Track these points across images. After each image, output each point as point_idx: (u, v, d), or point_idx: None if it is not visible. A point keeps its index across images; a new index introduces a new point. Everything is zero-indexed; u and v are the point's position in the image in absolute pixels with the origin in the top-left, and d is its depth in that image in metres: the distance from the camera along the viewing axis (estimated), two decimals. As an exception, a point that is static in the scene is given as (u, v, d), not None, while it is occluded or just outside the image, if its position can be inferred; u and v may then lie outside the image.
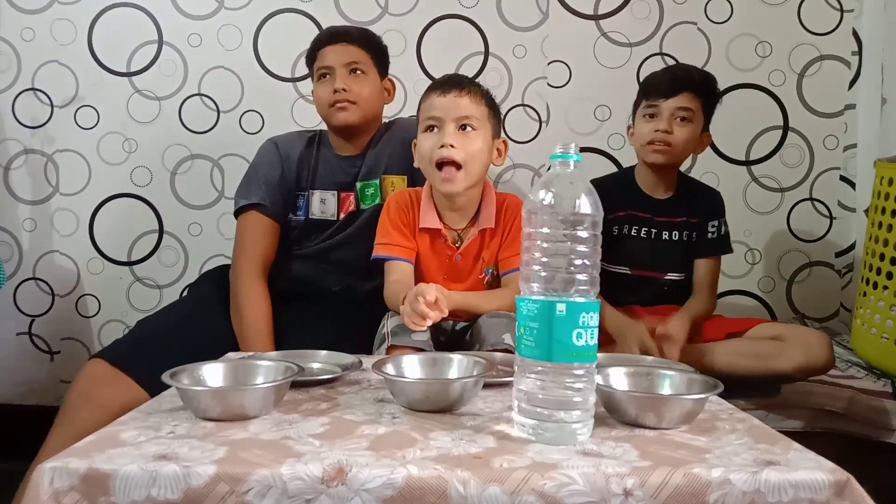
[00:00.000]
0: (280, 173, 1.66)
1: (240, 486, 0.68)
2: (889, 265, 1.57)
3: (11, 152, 2.16)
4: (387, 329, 1.30)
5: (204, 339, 1.46)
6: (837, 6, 2.12)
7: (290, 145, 1.70)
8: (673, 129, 1.60)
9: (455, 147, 1.34)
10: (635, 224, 1.68)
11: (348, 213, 1.68)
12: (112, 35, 2.14)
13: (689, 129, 1.61)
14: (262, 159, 1.70)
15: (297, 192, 1.69)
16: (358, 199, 1.68)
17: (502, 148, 1.44)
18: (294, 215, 1.69)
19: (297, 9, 2.12)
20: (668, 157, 1.62)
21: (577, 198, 0.80)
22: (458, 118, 1.35)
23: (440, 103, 1.36)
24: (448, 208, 1.43)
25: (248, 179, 1.70)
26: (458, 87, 1.37)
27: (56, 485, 0.69)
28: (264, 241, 1.66)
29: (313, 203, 1.69)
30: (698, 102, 1.61)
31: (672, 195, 1.69)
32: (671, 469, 0.70)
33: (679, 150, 1.62)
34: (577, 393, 0.78)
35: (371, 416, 0.87)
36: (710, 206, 1.71)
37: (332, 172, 1.69)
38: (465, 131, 1.36)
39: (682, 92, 1.60)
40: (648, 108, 1.63)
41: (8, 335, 2.17)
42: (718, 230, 1.70)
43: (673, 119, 1.60)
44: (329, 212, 1.69)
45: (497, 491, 0.68)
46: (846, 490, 0.69)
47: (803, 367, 1.46)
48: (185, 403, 0.87)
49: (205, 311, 1.63)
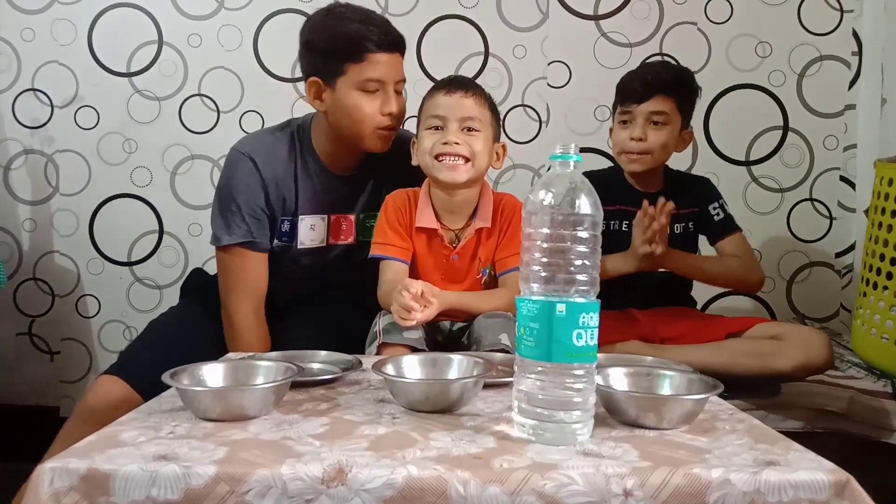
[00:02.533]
0: (263, 198, 1.47)
1: (240, 486, 0.68)
2: (889, 265, 1.57)
3: (11, 152, 2.16)
4: (378, 327, 1.31)
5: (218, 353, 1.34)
6: (837, 6, 2.12)
7: (269, 160, 1.48)
8: (647, 136, 1.59)
9: (460, 144, 1.35)
10: (626, 219, 1.66)
11: (347, 243, 1.57)
12: (112, 35, 2.14)
13: (665, 133, 1.60)
14: (238, 182, 1.47)
15: (283, 216, 1.51)
16: (357, 230, 1.58)
17: (501, 152, 1.45)
18: (279, 241, 1.53)
19: (297, 9, 2.11)
20: (646, 164, 1.62)
21: (577, 198, 0.80)
22: (462, 118, 1.36)
23: (445, 102, 1.37)
24: (446, 208, 1.43)
25: (226, 206, 1.48)
26: (464, 88, 1.38)
27: (56, 485, 0.69)
28: (257, 278, 1.51)
29: (301, 231, 1.53)
30: (672, 103, 1.60)
31: (661, 188, 1.69)
32: (671, 469, 0.70)
33: (657, 154, 1.61)
34: (576, 393, 0.78)
35: (371, 416, 0.87)
36: (703, 193, 1.72)
37: (323, 192, 1.52)
38: (468, 132, 1.36)
39: (655, 95, 1.58)
40: (623, 115, 1.62)
41: (8, 335, 2.18)
42: (723, 209, 1.69)
43: (647, 124, 1.59)
44: (318, 238, 1.55)
45: (497, 491, 0.68)
46: (846, 490, 0.69)
47: (803, 365, 1.46)
48: (185, 404, 0.87)
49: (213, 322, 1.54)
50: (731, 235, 1.69)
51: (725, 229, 1.69)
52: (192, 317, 1.59)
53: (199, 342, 1.48)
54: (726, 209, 1.71)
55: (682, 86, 1.63)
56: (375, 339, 1.29)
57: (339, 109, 1.44)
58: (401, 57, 1.47)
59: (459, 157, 1.35)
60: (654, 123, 1.59)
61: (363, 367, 1.09)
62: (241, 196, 1.47)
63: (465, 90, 1.38)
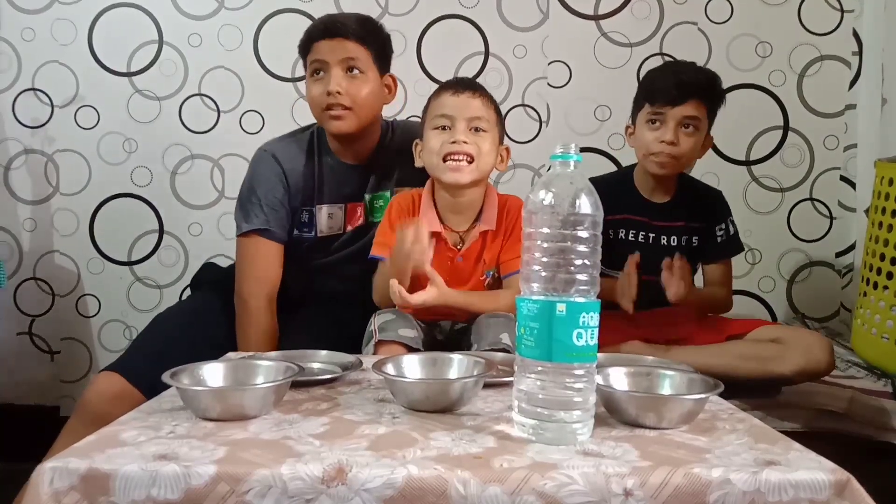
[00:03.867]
0: (283, 191, 1.56)
1: (240, 486, 0.68)
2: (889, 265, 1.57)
3: (12, 152, 2.16)
4: (374, 326, 1.31)
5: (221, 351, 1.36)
6: (838, 6, 2.12)
7: (290, 156, 1.58)
8: (679, 140, 1.54)
9: (468, 143, 1.35)
10: (632, 228, 1.65)
11: (356, 226, 1.63)
12: (112, 35, 2.14)
13: (695, 139, 1.56)
14: (261, 176, 1.57)
15: (303, 207, 1.59)
16: (367, 212, 1.63)
17: (505, 154, 1.45)
18: (300, 232, 1.61)
19: (297, 9, 2.12)
20: (673, 169, 1.59)
21: (577, 198, 0.80)
22: (469, 118, 1.36)
23: (453, 102, 1.37)
24: (450, 209, 1.43)
25: (247, 198, 1.57)
26: (472, 89, 1.39)
27: (56, 485, 0.69)
28: (270, 267, 1.57)
29: (320, 219, 1.60)
30: (704, 109, 1.55)
31: (671, 199, 1.67)
32: (671, 469, 0.70)
33: (685, 160, 1.59)
34: (577, 393, 0.78)
35: (371, 416, 0.87)
36: (713, 210, 1.69)
37: (339, 184, 1.60)
38: (475, 132, 1.37)
39: (690, 99, 1.53)
40: (653, 115, 1.56)
41: (8, 335, 2.17)
42: (727, 232, 1.68)
43: (679, 128, 1.54)
44: (336, 226, 1.62)
45: (497, 491, 0.68)
46: (846, 490, 0.69)
47: (804, 370, 1.45)
48: (186, 403, 0.87)
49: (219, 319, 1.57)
50: (724, 262, 1.70)
51: (721, 253, 1.69)
52: (197, 313, 1.61)
53: (202, 340, 1.49)
54: (731, 231, 1.69)
55: (714, 91, 1.59)
56: (371, 338, 1.30)
57: (308, 101, 1.56)
58: (347, 40, 1.49)
59: (465, 158, 1.35)
60: (685, 127, 1.54)
61: (363, 367, 1.09)
62: (260, 188, 1.56)
63: (473, 91, 1.39)
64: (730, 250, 1.70)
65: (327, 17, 1.57)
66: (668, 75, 1.60)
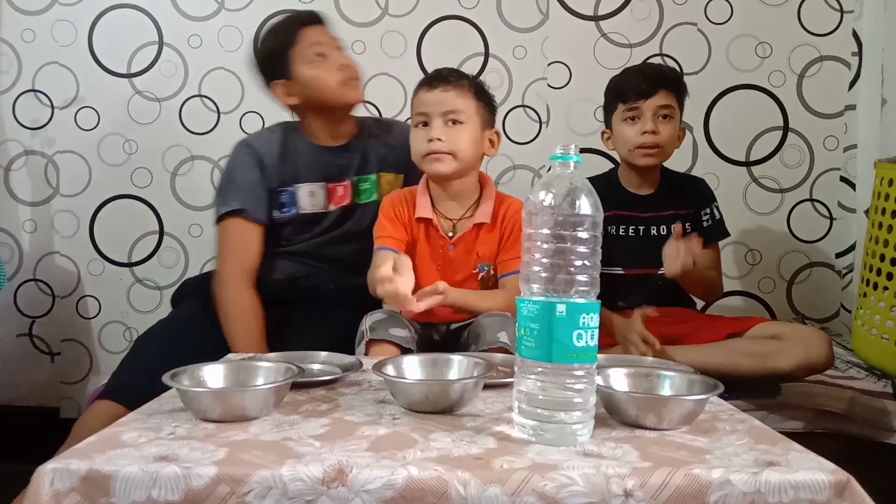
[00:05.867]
0: (259, 173, 1.60)
1: (240, 487, 0.68)
2: (889, 266, 1.57)
3: (12, 153, 2.16)
4: (365, 326, 1.32)
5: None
6: (837, 7, 2.12)
7: (264, 142, 1.65)
8: (658, 129, 1.61)
9: (443, 140, 1.37)
10: (622, 223, 1.69)
11: (342, 206, 1.66)
12: (112, 36, 2.14)
13: (672, 126, 1.64)
14: (236, 162, 1.63)
15: (281, 188, 1.63)
16: (353, 193, 1.67)
17: (495, 139, 1.46)
18: (280, 212, 1.63)
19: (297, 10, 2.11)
20: (660, 158, 1.65)
21: (577, 199, 0.80)
22: (444, 112, 1.38)
23: (427, 98, 1.39)
24: (443, 196, 1.44)
25: (225, 185, 1.64)
26: (445, 82, 1.40)
27: (57, 486, 0.69)
28: (249, 247, 1.60)
29: (301, 197, 1.63)
30: (674, 98, 1.64)
31: (655, 190, 1.71)
32: (672, 470, 0.70)
33: (668, 148, 1.65)
34: (577, 394, 0.78)
35: (371, 417, 0.87)
36: (698, 196, 1.74)
37: (317, 164, 1.64)
38: (452, 125, 1.38)
39: (660, 90, 1.61)
40: (629, 111, 1.63)
41: (8, 336, 2.17)
42: (712, 216, 1.73)
43: (656, 118, 1.61)
44: (319, 204, 1.65)
45: (497, 492, 0.68)
46: (846, 491, 0.69)
47: (803, 365, 1.46)
48: (186, 405, 0.87)
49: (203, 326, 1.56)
50: (712, 246, 1.72)
51: (709, 238, 1.70)
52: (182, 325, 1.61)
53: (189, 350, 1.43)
54: (716, 215, 1.73)
55: (679, 82, 1.69)
56: (363, 339, 1.30)
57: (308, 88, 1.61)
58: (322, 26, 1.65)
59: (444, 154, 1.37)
60: (662, 117, 1.62)
61: (363, 368, 1.09)
62: (236, 173, 1.62)
63: (446, 84, 1.39)
64: (716, 234, 1.74)
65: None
66: (633, 73, 1.70)
